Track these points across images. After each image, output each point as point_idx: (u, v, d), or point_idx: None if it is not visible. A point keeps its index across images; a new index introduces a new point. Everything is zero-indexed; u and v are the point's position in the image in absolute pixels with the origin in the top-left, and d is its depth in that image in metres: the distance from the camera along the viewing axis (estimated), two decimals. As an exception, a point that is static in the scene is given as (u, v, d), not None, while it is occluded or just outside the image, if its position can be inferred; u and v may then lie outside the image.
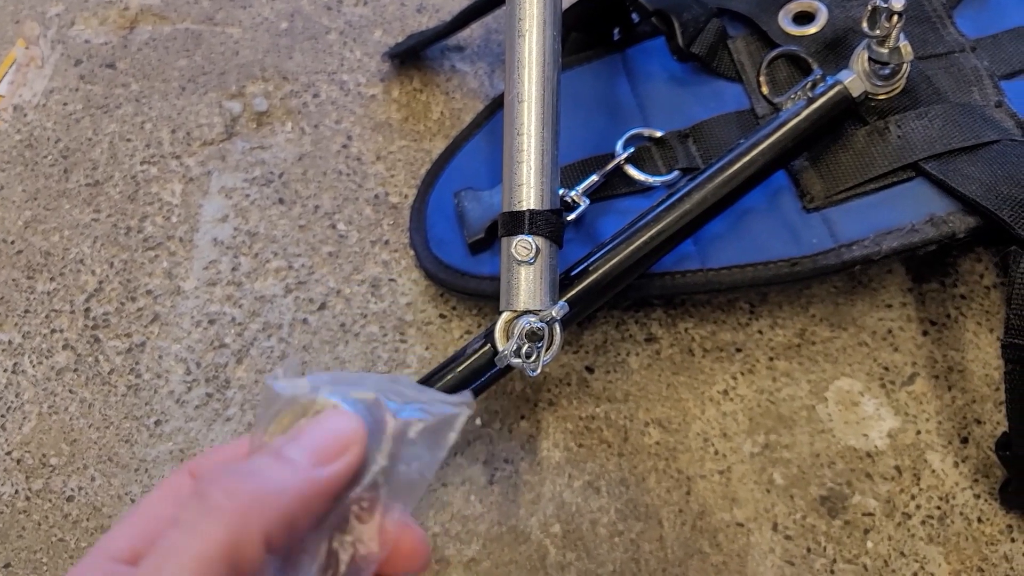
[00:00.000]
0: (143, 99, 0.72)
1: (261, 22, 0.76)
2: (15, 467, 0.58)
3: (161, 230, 0.66)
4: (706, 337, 0.60)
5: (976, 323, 0.60)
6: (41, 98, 0.73)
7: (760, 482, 0.55)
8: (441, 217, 0.62)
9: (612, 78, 0.64)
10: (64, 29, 0.77)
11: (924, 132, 0.54)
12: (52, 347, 0.62)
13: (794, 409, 0.57)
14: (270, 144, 0.70)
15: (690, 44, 0.60)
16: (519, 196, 0.50)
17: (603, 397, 0.58)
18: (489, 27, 0.74)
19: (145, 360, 0.61)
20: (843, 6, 0.60)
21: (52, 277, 0.65)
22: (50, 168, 0.69)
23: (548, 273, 0.50)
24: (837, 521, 0.54)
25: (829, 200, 0.55)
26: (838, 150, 0.55)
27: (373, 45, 0.75)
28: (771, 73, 0.59)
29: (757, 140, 0.53)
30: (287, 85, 0.73)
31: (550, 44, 0.51)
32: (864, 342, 0.59)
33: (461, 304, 0.62)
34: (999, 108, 0.55)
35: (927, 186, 0.54)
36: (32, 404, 0.60)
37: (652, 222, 0.52)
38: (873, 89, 0.55)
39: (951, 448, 0.56)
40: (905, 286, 0.61)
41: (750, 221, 0.56)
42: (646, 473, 0.56)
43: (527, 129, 0.50)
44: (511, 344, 0.47)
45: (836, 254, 0.53)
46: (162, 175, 0.69)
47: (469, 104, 0.71)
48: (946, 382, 0.58)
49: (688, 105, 0.61)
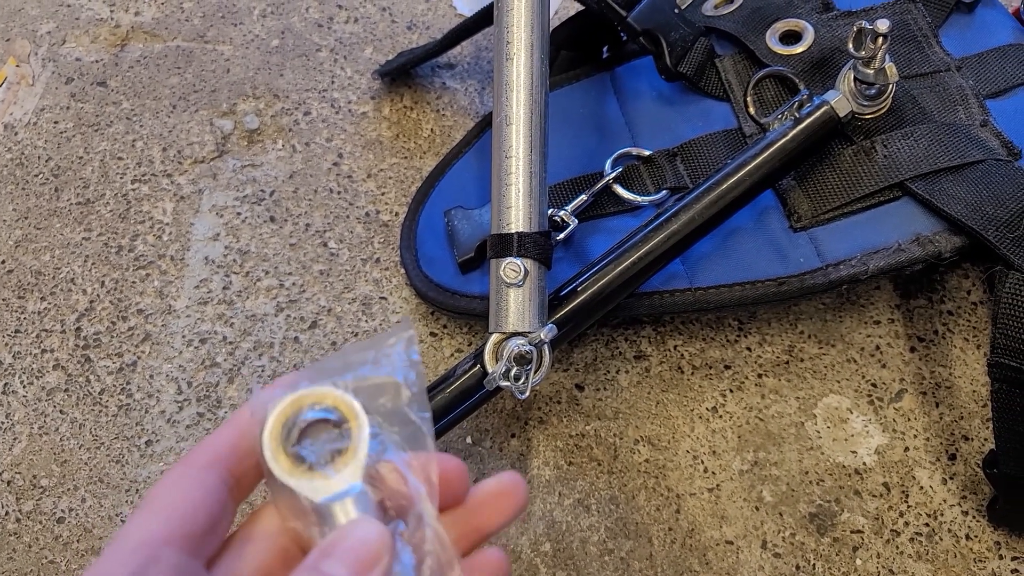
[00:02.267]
0: (134, 117, 0.73)
1: (252, 40, 0.77)
2: (5, 488, 0.58)
3: (152, 249, 0.66)
4: (695, 354, 0.60)
5: (963, 339, 0.60)
6: (32, 116, 0.73)
7: (749, 499, 0.56)
8: (432, 235, 0.62)
9: (601, 96, 0.64)
10: (55, 47, 0.77)
11: (910, 152, 0.54)
12: (43, 367, 0.62)
13: (783, 426, 0.58)
14: (261, 162, 0.70)
15: (678, 63, 0.60)
16: (507, 218, 0.50)
17: (593, 415, 0.59)
18: (479, 45, 0.75)
19: (136, 380, 0.61)
20: (829, 26, 0.60)
21: (43, 296, 0.65)
22: (41, 187, 0.70)
23: (537, 295, 0.50)
24: (826, 538, 0.54)
25: (816, 219, 0.55)
26: (825, 170, 0.56)
27: (364, 63, 0.75)
28: (758, 93, 0.59)
29: (744, 160, 0.54)
30: (278, 103, 0.73)
31: (538, 67, 0.51)
32: (852, 359, 0.60)
33: (452, 322, 0.62)
34: (984, 127, 0.56)
35: (913, 205, 0.54)
36: (23, 425, 0.60)
37: (640, 242, 0.53)
38: (859, 109, 0.55)
39: (939, 465, 0.56)
40: (893, 302, 0.61)
41: (738, 240, 0.56)
42: (636, 491, 0.56)
43: (515, 152, 0.50)
44: (500, 366, 0.48)
45: (823, 273, 0.54)
46: (153, 193, 0.69)
47: (459, 121, 0.71)
48: (934, 398, 0.58)
49: (676, 124, 0.61)
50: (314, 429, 0.29)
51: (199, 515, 0.28)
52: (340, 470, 0.29)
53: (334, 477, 0.29)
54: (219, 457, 0.29)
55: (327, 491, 0.28)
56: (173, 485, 0.29)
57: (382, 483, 0.30)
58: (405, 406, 0.30)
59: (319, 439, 0.29)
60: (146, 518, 0.28)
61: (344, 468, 0.29)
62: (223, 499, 0.29)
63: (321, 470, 0.29)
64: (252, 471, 0.30)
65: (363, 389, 0.30)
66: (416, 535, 0.29)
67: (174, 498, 0.28)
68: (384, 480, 0.30)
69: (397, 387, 0.30)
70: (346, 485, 0.29)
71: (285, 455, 0.29)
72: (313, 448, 0.29)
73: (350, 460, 0.29)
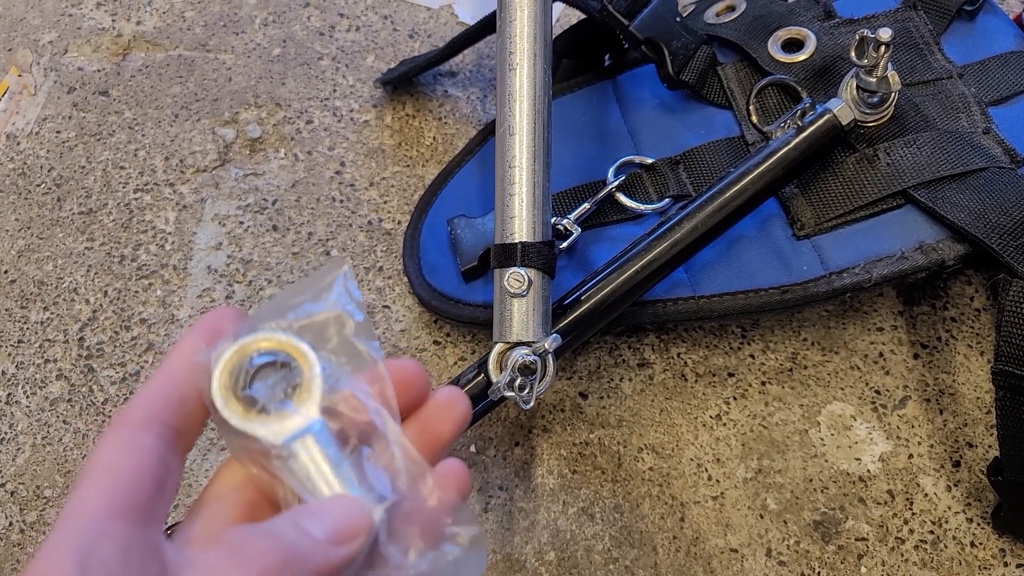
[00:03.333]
0: (136, 126, 0.73)
1: (254, 48, 0.77)
2: (9, 499, 0.58)
3: (155, 258, 0.66)
4: (699, 362, 0.60)
5: (967, 346, 0.60)
6: (34, 126, 0.73)
7: (754, 507, 0.56)
8: (434, 244, 0.62)
9: (603, 105, 0.64)
10: (57, 57, 0.77)
11: (913, 160, 0.54)
12: (46, 377, 0.62)
13: (787, 434, 0.58)
14: (263, 171, 0.70)
15: (680, 72, 0.60)
16: (511, 228, 0.50)
17: (597, 423, 0.59)
18: (481, 53, 0.75)
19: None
20: (831, 34, 0.60)
21: (46, 306, 0.65)
22: (43, 196, 0.70)
23: (541, 304, 0.50)
24: (831, 546, 0.54)
25: (819, 227, 0.55)
26: (828, 178, 0.56)
27: (366, 71, 0.75)
28: (761, 101, 0.59)
29: (747, 168, 0.54)
30: (280, 111, 0.73)
31: (541, 77, 0.51)
32: (856, 366, 0.60)
33: (455, 331, 0.62)
34: (987, 135, 0.56)
35: (916, 213, 0.54)
36: (26, 435, 0.60)
37: (644, 251, 0.53)
38: (862, 117, 0.55)
39: (943, 472, 0.56)
40: (896, 309, 0.61)
41: (741, 249, 0.56)
42: (640, 499, 0.56)
43: (519, 162, 0.50)
44: (504, 376, 0.48)
45: (826, 281, 0.54)
46: (156, 203, 0.69)
47: (462, 129, 0.71)
48: (938, 405, 0.58)
49: (678, 132, 0.61)
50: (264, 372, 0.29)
51: (142, 481, 0.27)
52: (296, 408, 0.29)
53: (291, 416, 0.28)
54: (153, 413, 0.28)
55: (285, 431, 0.28)
56: (110, 452, 0.27)
57: (340, 414, 0.29)
58: (352, 336, 0.30)
59: (269, 380, 0.29)
60: (88, 492, 0.27)
61: (300, 406, 0.29)
62: (164, 457, 0.28)
63: (276, 411, 0.29)
64: (192, 420, 0.29)
65: (307, 328, 0.30)
66: (384, 455, 0.29)
67: (113, 466, 0.27)
68: (342, 411, 0.29)
69: (340, 319, 0.30)
70: (304, 422, 0.28)
71: (237, 401, 0.28)
72: (265, 390, 0.29)
73: (304, 397, 0.29)
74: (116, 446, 0.27)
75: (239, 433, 0.28)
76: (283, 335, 0.29)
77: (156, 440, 0.28)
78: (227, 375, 0.28)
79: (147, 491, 0.27)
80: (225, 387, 0.28)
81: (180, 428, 0.29)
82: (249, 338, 0.29)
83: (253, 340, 0.29)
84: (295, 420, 0.28)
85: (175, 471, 0.28)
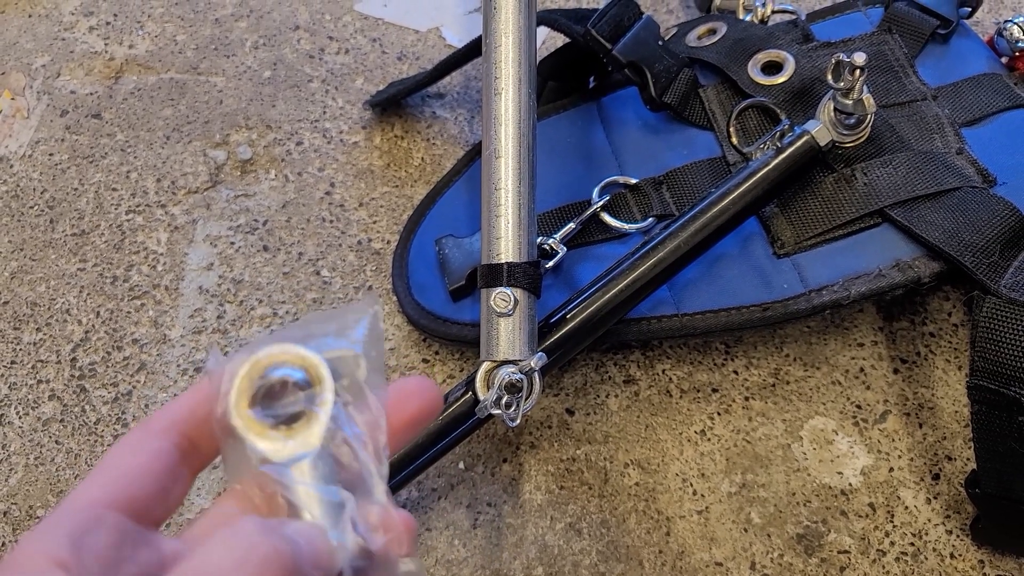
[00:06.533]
0: (128, 148, 0.74)
1: (244, 71, 0.78)
2: (1, 519, 0.58)
3: (147, 279, 0.67)
4: (683, 378, 0.61)
5: (945, 360, 0.61)
6: (27, 149, 0.74)
7: (738, 521, 0.57)
8: (423, 263, 0.63)
9: (587, 126, 0.66)
10: (50, 80, 0.78)
11: (889, 179, 0.56)
12: (38, 398, 0.62)
13: (770, 448, 0.59)
14: (254, 192, 0.71)
15: (663, 94, 0.62)
16: (497, 249, 0.51)
17: (583, 439, 0.60)
18: (468, 75, 0.76)
19: (132, 409, 0.62)
20: (809, 57, 0.62)
21: (38, 327, 0.65)
22: (36, 218, 0.70)
23: (527, 323, 0.51)
24: (813, 559, 0.55)
25: (799, 246, 0.57)
26: (807, 197, 0.57)
27: (355, 93, 0.76)
28: (741, 122, 0.61)
29: (729, 189, 0.55)
30: (271, 133, 0.74)
31: (525, 101, 0.53)
32: (837, 381, 0.61)
33: (443, 349, 0.63)
34: (960, 155, 0.57)
35: (893, 232, 0.55)
36: (19, 455, 0.60)
37: (628, 270, 0.54)
38: (839, 138, 0.57)
39: (923, 485, 0.57)
40: (876, 324, 0.63)
41: (723, 267, 0.57)
42: (626, 514, 0.57)
43: (504, 184, 0.51)
44: (491, 394, 0.49)
45: (806, 299, 0.55)
46: (147, 224, 0.70)
47: (450, 150, 0.73)
48: (917, 419, 0.59)
49: (661, 153, 0.63)
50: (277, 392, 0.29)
51: (146, 480, 0.27)
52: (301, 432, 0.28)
53: (294, 439, 0.28)
54: (175, 422, 0.28)
55: (286, 453, 0.28)
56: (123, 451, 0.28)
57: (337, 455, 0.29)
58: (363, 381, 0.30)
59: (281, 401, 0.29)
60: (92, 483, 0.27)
61: (306, 430, 0.29)
62: (173, 465, 0.28)
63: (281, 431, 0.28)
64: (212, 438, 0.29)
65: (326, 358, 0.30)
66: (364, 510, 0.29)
67: (122, 463, 0.27)
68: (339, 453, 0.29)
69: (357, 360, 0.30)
70: (306, 448, 0.28)
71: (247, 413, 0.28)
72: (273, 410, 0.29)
73: (312, 423, 0.29)
74: (126, 446, 0.28)
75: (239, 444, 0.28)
76: (306, 352, 0.29)
77: (169, 447, 0.28)
78: (244, 383, 0.28)
79: (149, 491, 0.27)
80: (240, 394, 0.28)
81: (198, 443, 0.29)
82: (271, 349, 0.29)
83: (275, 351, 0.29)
84: (297, 444, 0.28)
85: (183, 482, 0.29)
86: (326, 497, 0.29)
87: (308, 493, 0.28)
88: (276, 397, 0.29)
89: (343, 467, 0.30)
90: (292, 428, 0.29)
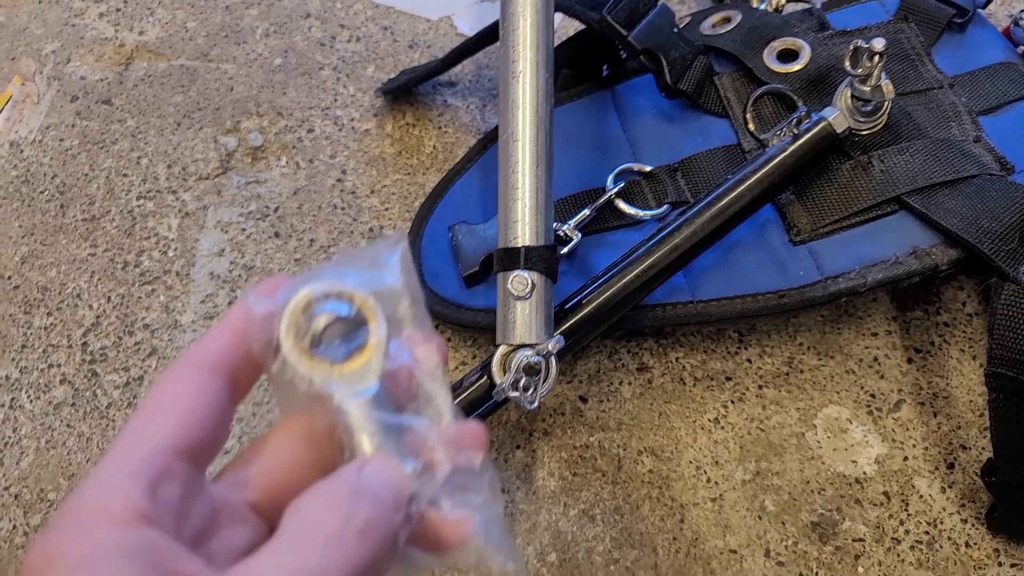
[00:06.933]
0: (139, 135, 0.73)
1: (255, 58, 0.78)
2: (13, 502, 0.58)
3: (158, 264, 0.67)
4: (697, 366, 0.61)
5: (960, 350, 0.61)
6: (37, 134, 0.74)
7: (752, 509, 0.56)
8: (435, 250, 0.63)
9: (602, 114, 0.65)
10: (60, 66, 0.78)
11: (906, 167, 0.56)
12: (50, 382, 0.62)
13: (784, 436, 0.59)
14: (265, 179, 0.71)
15: (678, 81, 0.61)
16: (514, 232, 0.51)
17: (597, 426, 0.59)
18: (480, 63, 0.76)
19: (143, 394, 0.61)
20: (825, 45, 0.61)
21: (49, 312, 0.65)
22: (47, 203, 0.70)
23: (543, 307, 0.51)
24: (828, 547, 0.55)
25: (815, 233, 0.56)
26: (823, 184, 0.57)
27: (366, 81, 0.76)
28: (757, 109, 0.61)
29: (745, 175, 0.55)
30: (282, 120, 0.74)
31: (543, 84, 0.53)
32: (851, 370, 0.61)
33: (456, 335, 0.63)
34: (977, 143, 0.57)
35: (910, 219, 0.55)
36: (30, 439, 0.60)
37: (643, 256, 0.54)
38: (856, 125, 0.56)
39: (938, 474, 0.57)
40: (890, 314, 0.63)
41: (738, 254, 0.57)
42: (640, 501, 0.57)
43: (522, 167, 0.51)
44: (508, 377, 0.48)
45: (823, 286, 0.55)
46: (158, 210, 0.70)
47: (461, 138, 0.72)
48: (931, 408, 0.59)
49: (676, 140, 0.62)
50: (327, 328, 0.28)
51: (206, 424, 0.26)
52: (357, 366, 0.28)
53: (353, 375, 0.28)
54: (222, 361, 0.28)
55: (346, 389, 0.27)
56: (180, 390, 0.27)
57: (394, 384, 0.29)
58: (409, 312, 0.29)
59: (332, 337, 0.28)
60: (155, 424, 0.26)
61: (362, 364, 0.28)
62: (227, 406, 0.27)
63: (336, 366, 0.28)
64: (248, 376, 0.28)
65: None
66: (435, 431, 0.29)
67: (183, 404, 0.26)
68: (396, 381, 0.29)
69: (398, 293, 0.29)
70: (365, 382, 0.28)
71: (301, 350, 0.27)
72: (327, 346, 0.28)
73: (367, 357, 0.28)
74: (187, 386, 0.27)
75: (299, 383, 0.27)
76: (351, 286, 0.28)
77: (222, 387, 0.27)
78: (296, 319, 0.27)
79: (208, 434, 0.26)
80: (292, 331, 0.27)
81: (238, 380, 0.28)
82: (321, 284, 0.28)
83: (325, 286, 0.28)
84: (356, 377, 0.28)
85: (229, 422, 0.28)
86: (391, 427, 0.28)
87: (372, 426, 0.28)
88: (328, 333, 0.28)
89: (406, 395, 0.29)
90: (348, 363, 0.28)
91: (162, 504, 0.24)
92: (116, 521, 0.23)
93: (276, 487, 0.28)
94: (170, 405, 0.26)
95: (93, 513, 0.24)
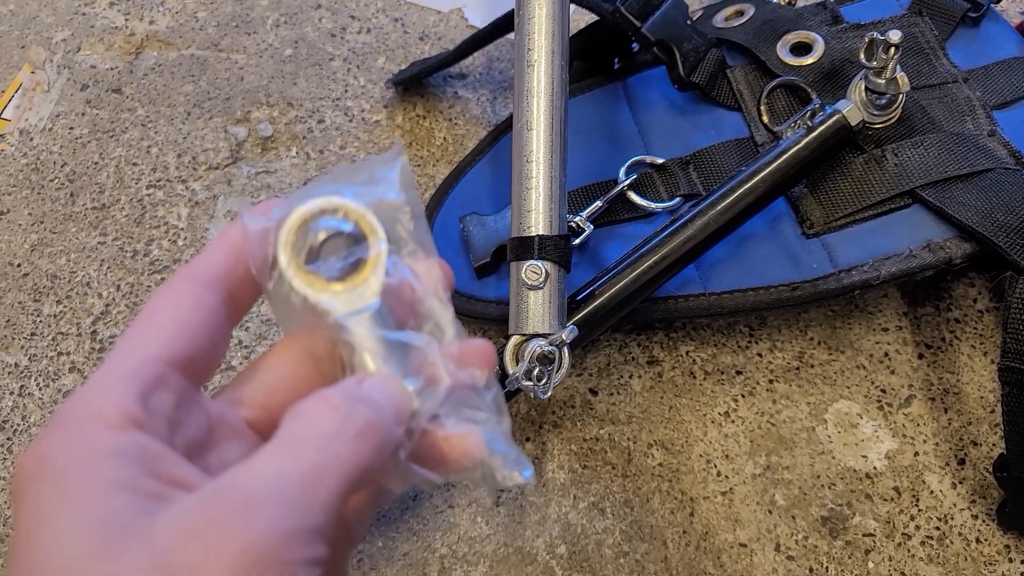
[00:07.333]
0: (149, 124, 0.73)
1: (266, 49, 0.77)
2: (21, 489, 0.58)
3: (167, 253, 0.67)
4: (707, 360, 0.61)
5: (970, 346, 0.61)
6: (47, 122, 0.74)
7: (762, 503, 0.56)
8: (446, 241, 0.63)
9: (614, 106, 0.65)
10: (70, 54, 0.78)
11: (920, 160, 0.55)
12: (59, 370, 0.62)
13: (794, 431, 0.58)
14: (275, 169, 0.71)
15: (691, 73, 0.61)
16: (528, 222, 0.51)
17: (607, 419, 0.59)
18: (491, 55, 0.76)
19: (152, 382, 0.61)
20: (839, 38, 0.61)
21: (59, 300, 0.65)
22: (56, 192, 0.70)
23: (557, 297, 0.50)
24: (838, 542, 0.55)
25: (828, 226, 0.56)
26: (837, 177, 0.57)
27: (377, 72, 0.76)
28: (771, 102, 0.60)
29: (758, 168, 0.55)
30: (292, 111, 0.74)
31: (558, 74, 0.52)
32: (861, 365, 0.60)
33: (467, 326, 0.63)
34: (992, 137, 0.57)
35: (924, 213, 0.55)
36: (39, 427, 0.60)
37: (656, 248, 0.54)
38: (870, 118, 0.56)
39: (949, 469, 0.57)
40: (901, 310, 0.62)
41: (751, 246, 0.57)
42: (650, 494, 0.57)
43: (536, 156, 0.51)
44: (522, 367, 0.48)
45: (836, 279, 0.55)
46: (168, 199, 0.69)
47: (472, 130, 0.72)
48: (942, 404, 0.59)
49: (688, 133, 0.62)
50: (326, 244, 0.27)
51: (200, 337, 0.26)
52: (358, 283, 0.27)
53: (352, 291, 0.27)
54: (218, 276, 0.27)
55: (346, 306, 0.27)
56: (176, 302, 0.26)
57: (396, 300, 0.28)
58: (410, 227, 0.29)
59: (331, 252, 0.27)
60: (150, 334, 0.25)
61: (362, 281, 0.27)
62: (223, 322, 0.27)
63: (338, 283, 0.27)
64: (247, 294, 0.28)
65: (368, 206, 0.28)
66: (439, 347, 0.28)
67: (178, 316, 0.26)
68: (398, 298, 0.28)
69: (398, 208, 0.29)
70: (366, 299, 0.27)
71: (301, 267, 0.27)
72: (326, 263, 0.27)
73: (368, 273, 0.27)
74: (183, 298, 0.26)
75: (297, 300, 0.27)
76: (353, 203, 0.27)
77: (219, 303, 0.27)
78: (294, 235, 0.27)
79: (204, 348, 0.26)
80: (291, 248, 0.27)
81: (237, 299, 0.28)
82: (319, 201, 0.27)
83: (323, 203, 0.27)
84: (356, 296, 0.27)
85: (226, 339, 0.27)
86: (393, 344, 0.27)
87: (374, 343, 0.27)
88: (326, 249, 0.27)
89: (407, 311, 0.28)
90: (348, 280, 0.27)
91: (155, 411, 0.24)
92: (107, 424, 0.23)
93: (275, 405, 0.27)
94: (164, 316, 0.26)
95: (84, 417, 0.23)
